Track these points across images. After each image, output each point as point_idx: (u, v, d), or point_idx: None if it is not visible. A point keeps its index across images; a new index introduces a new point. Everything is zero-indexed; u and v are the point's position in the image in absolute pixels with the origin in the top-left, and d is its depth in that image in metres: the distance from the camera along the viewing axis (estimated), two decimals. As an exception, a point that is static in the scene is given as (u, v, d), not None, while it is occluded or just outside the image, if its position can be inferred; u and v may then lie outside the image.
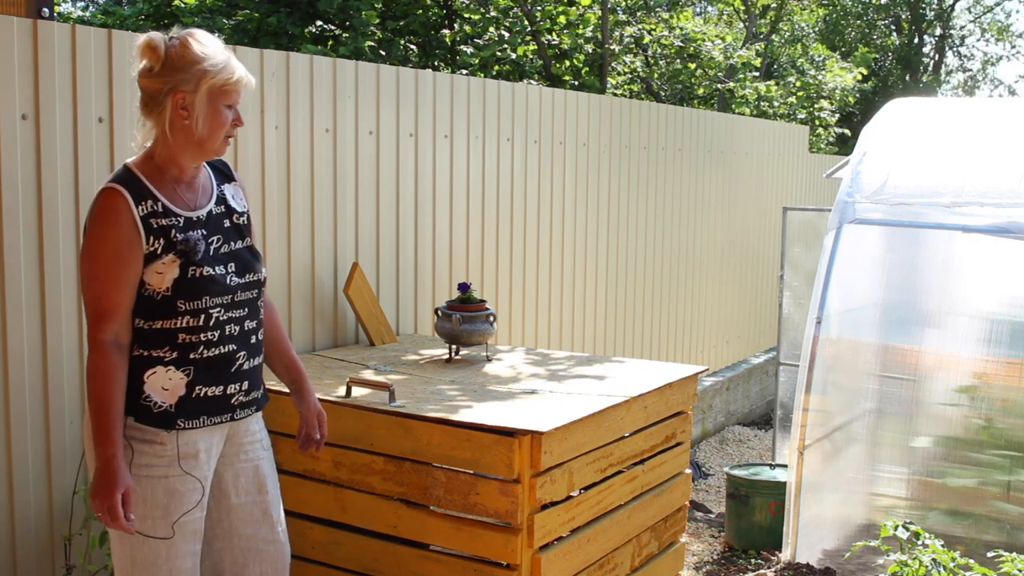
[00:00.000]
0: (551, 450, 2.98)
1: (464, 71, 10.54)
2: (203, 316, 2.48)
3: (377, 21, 10.71)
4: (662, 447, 3.66)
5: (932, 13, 25.79)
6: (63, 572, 3.21)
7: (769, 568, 4.69)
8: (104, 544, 3.13)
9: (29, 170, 3.08)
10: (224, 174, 2.65)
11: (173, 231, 2.44)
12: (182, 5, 11.11)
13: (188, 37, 2.43)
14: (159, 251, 2.42)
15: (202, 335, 2.48)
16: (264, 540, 2.70)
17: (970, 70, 29.19)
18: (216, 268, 2.50)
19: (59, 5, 13.85)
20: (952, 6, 26.13)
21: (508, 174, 5.13)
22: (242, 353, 2.57)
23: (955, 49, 28.11)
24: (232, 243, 2.57)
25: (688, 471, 3.87)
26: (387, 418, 3.13)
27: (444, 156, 4.71)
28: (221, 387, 2.54)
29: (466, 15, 11.59)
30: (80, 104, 3.20)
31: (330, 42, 11.02)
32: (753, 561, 4.88)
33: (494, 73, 10.97)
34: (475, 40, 11.36)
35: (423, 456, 3.09)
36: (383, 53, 10.49)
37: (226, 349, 2.53)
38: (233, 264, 2.55)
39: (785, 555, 4.72)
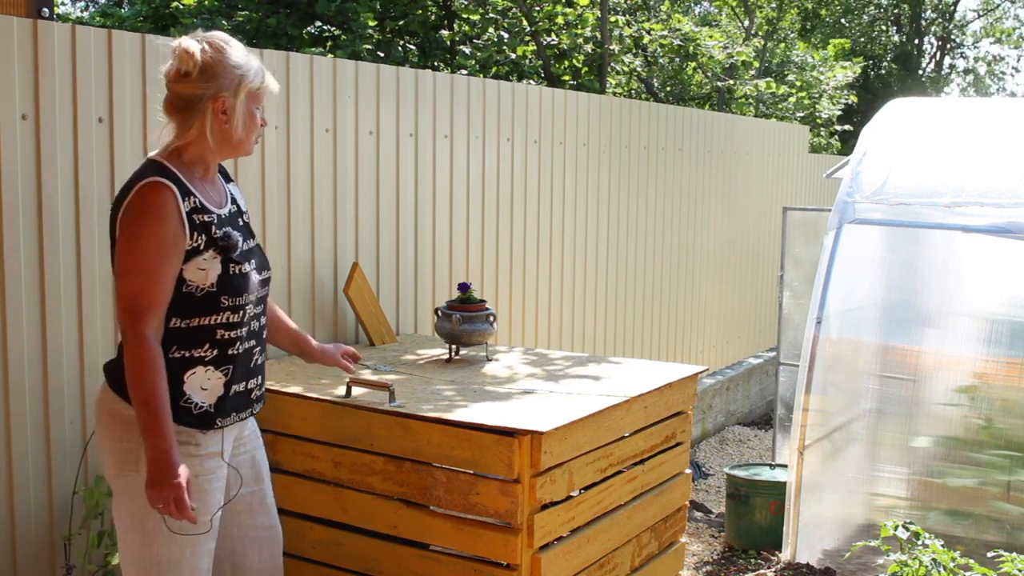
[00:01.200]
0: (551, 450, 2.98)
1: (463, 71, 10.54)
2: (241, 312, 2.54)
3: (375, 23, 10.71)
4: (662, 447, 3.66)
5: (933, 12, 25.78)
6: (63, 572, 3.21)
7: (769, 568, 4.69)
8: (103, 543, 3.13)
9: (29, 170, 3.08)
10: (226, 175, 2.70)
11: (213, 227, 2.49)
12: (180, 6, 11.11)
13: (219, 42, 2.49)
14: (201, 247, 2.46)
15: (237, 331, 2.54)
16: (262, 528, 2.77)
17: (972, 71, 29.17)
18: (246, 266, 2.57)
19: (59, 6, 13.85)
20: (953, 5, 26.12)
21: (508, 174, 5.13)
22: (258, 348, 2.64)
23: (959, 51, 28.09)
24: (248, 241, 2.63)
25: (688, 471, 3.87)
26: (387, 418, 3.13)
27: (444, 156, 4.71)
28: (245, 383, 2.61)
29: (465, 15, 11.59)
30: (80, 104, 3.19)
31: (329, 43, 11.02)
32: (753, 561, 4.88)
33: (492, 74, 10.97)
34: (474, 41, 11.36)
35: (423, 456, 3.09)
36: (381, 55, 10.49)
37: (250, 345, 2.60)
38: (254, 261, 2.61)
39: (785, 555, 4.72)
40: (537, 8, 11.29)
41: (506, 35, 11.11)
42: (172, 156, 2.50)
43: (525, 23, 11.23)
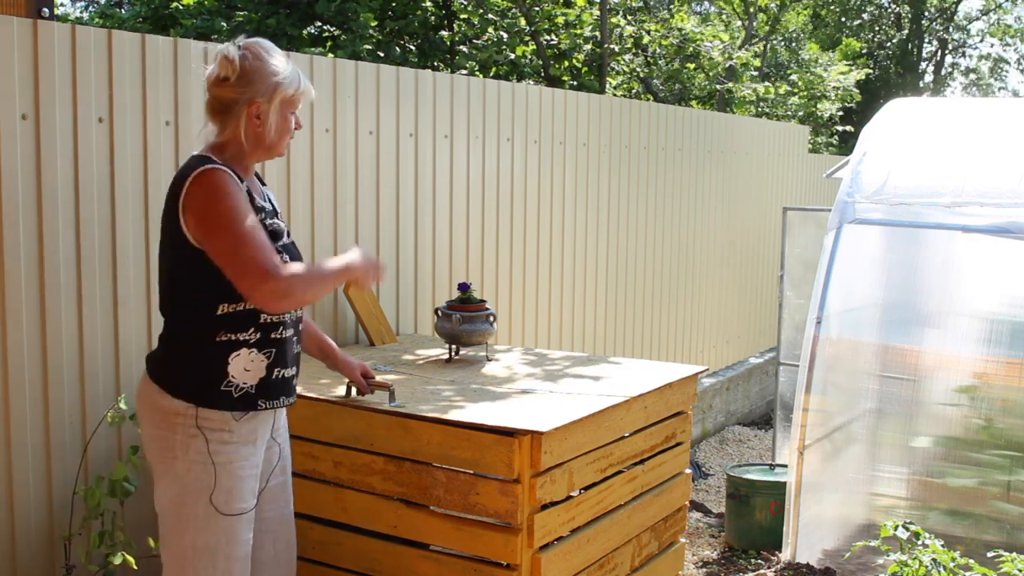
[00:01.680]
0: (551, 450, 2.98)
1: (463, 72, 10.54)
2: None
3: (375, 23, 10.71)
4: (662, 447, 3.66)
5: (934, 12, 25.77)
6: (63, 572, 3.21)
7: (769, 568, 4.69)
8: (103, 543, 3.13)
9: (29, 170, 3.08)
10: (259, 178, 2.85)
11: (262, 215, 2.65)
12: (180, 7, 11.10)
13: (259, 50, 2.64)
14: None
15: (279, 316, 2.67)
16: (280, 520, 2.87)
17: (974, 71, 29.15)
18: (286, 256, 2.70)
19: (58, 7, 13.85)
20: (955, 5, 26.10)
21: (508, 174, 5.13)
22: (296, 339, 2.78)
23: (960, 50, 28.07)
24: (285, 237, 2.78)
25: (688, 471, 3.87)
26: (387, 418, 3.13)
27: (444, 156, 4.71)
28: (288, 369, 2.74)
29: (464, 16, 11.58)
30: (80, 104, 3.19)
31: (329, 43, 11.02)
32: (753, 561, 4.88)
33: (492, 74, 10.97)
34: (473, 41, 11.36)
35: (423, 456, 3.09)
36: (381, 55, 10.48)
37: (289, 333, 2.73)
38: (287, 256, 2.73)
39: (785, 555, 4.72)
40: (536, 8, 11.29)
41: (505, 35, 11.12)
42: (214, 152, 2.65)
43: (524, 23, 11.23)
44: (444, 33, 11.46)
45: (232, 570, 2.65)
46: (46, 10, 4.94)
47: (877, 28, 24.88)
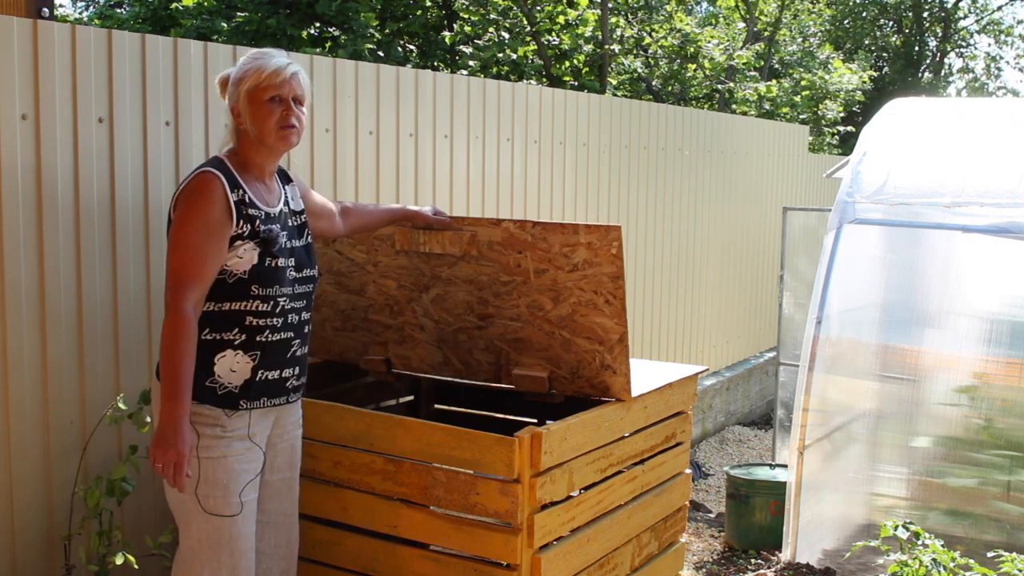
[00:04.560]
0: (551, 450, 2.98)
1: (464, 72, 10.54)
2: (271, 303, 2.72)
3: (376, 23, 10.71)
4: (662, 447, 3.66)
5: (934, 12, 25.77)
6: (63, 572, 3.20)
7: (769, 568, 4.69)
8: (101, 543, 3.13)
9: (29, 170, 3.08)
10: (284, 176, 2.92)
11: (257, 221, 2.71)
12: (179, 7, 11.09)
13: (248, 56, 2.79)
14: (245, 235, 2.67)
15: (268, 320, 2.72)
16: (284, 514, 2.95)
17: (973, 71, 29.16)
18: (283, 261, 2.75)
19: (58, 8, 13.84)
20: (955, 5, 26.11)
21: (508, 174, 5.13)
22: (297, 341, 2.82)
23: (959, 51, 28.08)
24: (293, 240, 2.83)
25: (688, 471, 3.87)
26: (387, 418, 3.13)
27: (444, 156, 4.71)
28: (278, 371, 2.78)
29: (465, 16, 11.58)
30: (80, 104, 3.19)
31: (329, 44, 11.02)
32: (753, 561, 4.88)
33: (493, 74, 10.96)
34: (475, 41, 11.35)
35: (423, 456, 3.09)
36: (381, 55, 10.49)
37: (285, 336, 2.77)
38: (293, 259, 2.80)
39: (785, 555, 4.72)
40: (538, 8, 11.29)
41: (506, 36, 11.12)
42: (230, 156, 2.77)
43: (526, 23, 11.23)
44: (446, 34, 11.46)
45: (238, 564, 2.71)
46: (46, 10, 4.95)
47: (878, 28, 24.88)
